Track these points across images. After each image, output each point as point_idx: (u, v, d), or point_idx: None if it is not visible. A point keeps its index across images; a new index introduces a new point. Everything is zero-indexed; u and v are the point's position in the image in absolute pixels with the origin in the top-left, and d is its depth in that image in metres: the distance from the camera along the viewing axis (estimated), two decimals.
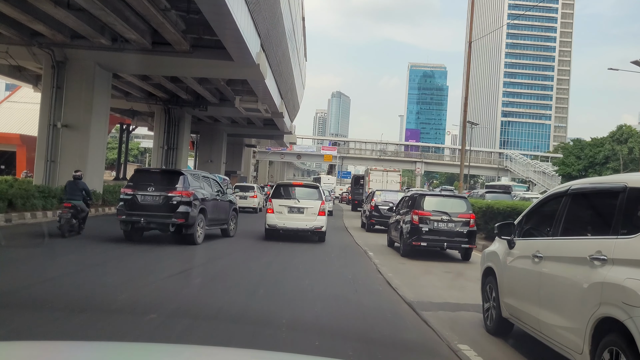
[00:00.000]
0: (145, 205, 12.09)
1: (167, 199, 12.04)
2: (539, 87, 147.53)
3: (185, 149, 31.84)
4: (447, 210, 12.97)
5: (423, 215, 12.74)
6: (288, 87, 31.82)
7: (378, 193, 21.66)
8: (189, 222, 12.16)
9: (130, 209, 12.10)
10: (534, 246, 5.06)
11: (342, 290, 8.27)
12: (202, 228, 12.81)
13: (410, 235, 12.77)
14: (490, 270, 6.18)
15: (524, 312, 5.13)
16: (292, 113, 43.29)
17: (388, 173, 36.06)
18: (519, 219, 5.84)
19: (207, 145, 43.47)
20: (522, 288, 5.28)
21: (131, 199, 12.15)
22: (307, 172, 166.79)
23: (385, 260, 12.23)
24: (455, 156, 77.86)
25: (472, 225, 12.91)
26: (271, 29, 19.25)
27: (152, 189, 12.20)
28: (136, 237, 12.64)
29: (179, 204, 12.04)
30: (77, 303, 6.32)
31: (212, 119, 41.05)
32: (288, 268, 10.51)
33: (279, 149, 70.71)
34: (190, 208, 12.16)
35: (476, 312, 6.97)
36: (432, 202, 13.47)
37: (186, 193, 12.20)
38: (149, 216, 12.06)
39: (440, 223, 12.75)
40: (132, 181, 12.77)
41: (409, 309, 7.19)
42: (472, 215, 13.10)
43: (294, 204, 14.60)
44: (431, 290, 8.92)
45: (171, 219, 12.03)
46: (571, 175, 53.62)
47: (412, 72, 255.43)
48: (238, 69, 18.91)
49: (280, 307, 6.76)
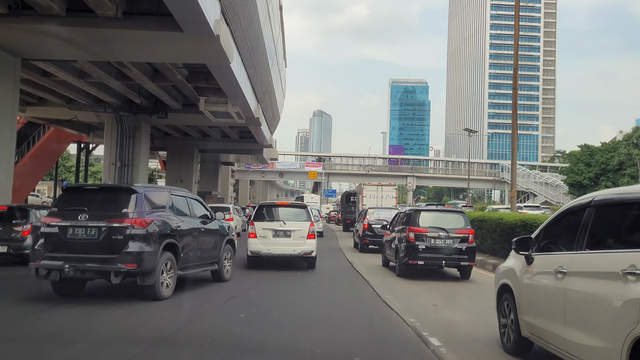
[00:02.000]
0: (73, 242, 8.04)
1: (109, 232, 7.99)
2: (525, 98, 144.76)
3: (143, 165, 26.46)
4: (444, 226, 12.44)
5: (419, 232, 12.26)
6: (265, 88, 26.74)
7: (371, 211, 20.99)
8: (145, 268, 8.08)
9: (52, 249, 8.10)
10: (556, 261, 4.88)
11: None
12: (171, 275, 8.70)
13: (406, 254, 12.28)
14: (507, 288, 5.94)
15: (547, 331, 4.90)
16: (272, 124, 38.20)
17: (383, 187, 32.07)
18: (536, 233, 5.60)
19: (175, 162, 38.10)
20: (544, 306, 5.06)
21: (55, 234, 8.14)
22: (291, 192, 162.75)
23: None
24: (449, 169, 73.38)
25: (471, 242, 12.41)
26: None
27: (86, 216, 8.08)
28: (74, 291, 8.68)
29: (126, 240, 7.99)
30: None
31: (181, 132, 35.89)
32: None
33: (259, 166, 65.41)
34: (146, 245, 8.15)
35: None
36: (428, 217, 12.91)
37: (139, 222, 8.15)
38: (80, 260, 7.91)
39: (437, 240, 12.25)
40: (58, 206, 8.65)
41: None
42: (470, 231, 12.56)
43: (280, 226, 13.20)
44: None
45: (115, 263, 7.91)
46: (582, 185, 49.10)
47: (394, 88, 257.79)
48: (191, 45, 13.76)
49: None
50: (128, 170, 25.63)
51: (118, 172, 25.39)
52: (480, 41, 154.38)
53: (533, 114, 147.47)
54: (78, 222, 7.99)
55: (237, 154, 48.22)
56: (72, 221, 8.01)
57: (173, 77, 19.43)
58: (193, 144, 37.92)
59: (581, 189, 48.70)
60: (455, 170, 75.05)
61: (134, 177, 25.67)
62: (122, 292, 8.91)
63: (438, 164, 79.53)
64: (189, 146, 37.82)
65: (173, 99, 23.97)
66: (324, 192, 75.63)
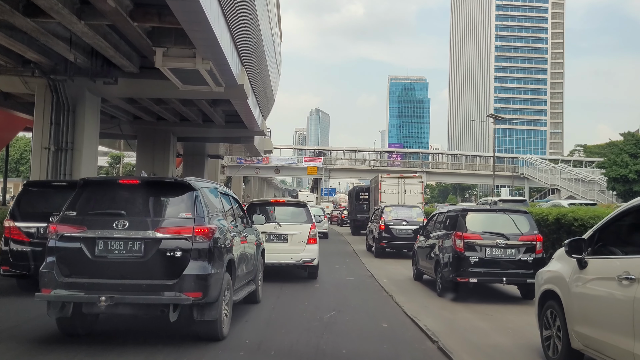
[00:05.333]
0: (105, 262, 5.85)
1: (160, 247, 5.83)
2: (533, 92, 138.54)
3: (89, 150, 19.70)
4: (503, 230, 9.96)
5: (470, 239, 9.91)
6: (252, 48, 20.11)
7: (388, 209, 18.76)
8: (211, 297, 5.99)
9: (70, 271, 5.88)
10: (620, 266, 4.45)
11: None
12: (228, 303, 6.63)
13: (453, 268, 9.94)
14: (552, 294, 5.60)
15: (610, 345, 4.50)
16: (264, 105, 31.53)
17: (406, 180, 25.84)
18: (590, 234, 5.24)
19: (147, 153, 31.42)
20: (605, 316, 4.67)
21: (75, 250, 5.90)
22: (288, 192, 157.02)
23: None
24: (462, 164, 66.79)
25: (539, 251, 9.91)
26: None
27: (125, 223, 5.90)
28: (82, 329, 6.35)
29: (186, 258, 5.87)
30: None
31: (153, 115, 29.31)
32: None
33: (253, 161, 58.66)
34: (211, 265, 6.01)
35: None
36: (480, 220, 10.51)
37: (203, 231, 6.02)
38: (116, 288, 5.73)
39: (495, 249, 9.83)
40: (79, 208, 6.16)
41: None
42: (538, 237, 10.05)
43: (274, 229, 11.43)
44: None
45: (173, 291, 5.76)
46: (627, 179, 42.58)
47: (392, 85, 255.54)
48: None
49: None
50: (66, 157, 18.96)
51: (52, 159, 18.72)
52: (485, 34, 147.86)
53: (541, 109, 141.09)
54: (113, 233, 5.87)
55: (223, 143, 41.40)
56: (103, 231, 5.88)
57: (105, 6, 12.72)
58: (169, 130, 31.28)
59: (626, 183, 42.62)
60: (468, 165, 68.42)
61: (75, 166, 19.05)
62: (151, 328, 6.84)
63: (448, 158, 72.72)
64: (163, 132, 31.19)
65: (122, 56, 17.25)
66: (323, 191, 69.29)
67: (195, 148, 39.57)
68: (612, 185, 44.74)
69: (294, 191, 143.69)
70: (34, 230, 9.26)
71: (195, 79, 17.63)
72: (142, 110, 27.79)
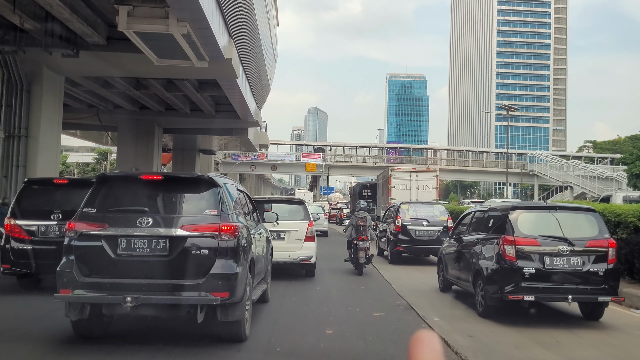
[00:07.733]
0: (128, 261, 5.72)
1: (186, 245, 5.73)
2: (535, 88, 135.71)
3: (46, 137, 16.59)
4: (565, 234, 7.73)
5: (524, 244, 7.70)
6: (242, 16, 17.10)
7: (405, 207, 15.97)
8: (236, 297, 5.83)
9: (91, 271, 5.74)
10: None
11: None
12: (248, 303, 6.45)
13: (502, 283, 7.71)
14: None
15: None
16: (258, 92, 28.43)
17: (418, 174, 23.07)
18: None
19: (129, 145, 28.33)
20: None
21: (96, 249, 5.77)
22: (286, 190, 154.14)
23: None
24: (469, 160, 63.82)
25: (611, 260, 7.69)
26: None
27: (148, 221, 5.74)
28: (98, 330, 6.20)
29: (212, 256, 5.75)
30: None
31: (136, 104, 26.34)
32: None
33: (248, 157, 55.57)
34: (236, 264, 5.91)
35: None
36: (533, 220, 8.32)
37: (230, 229, 5.90)
38: (140, 289, 5.56)
39: (556, 258, 7.60)
40: (98, 204, 5.99)
41: None
42: (610, 242, 7.77)
43: (271, 226, 10.50)
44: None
45: (200, 292, 5.65)
46: None
47: (391, 83, 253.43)
48: None
49: None
50: (19, 145, 15.90)
51: (2, 147, 15.67)
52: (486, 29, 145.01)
53: (544, 105, 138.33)
54: (136, 231, 5.70)
55: (214, 135, 38.33)
56: (125, 228, 5.72)
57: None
58: (153, 120, 28.20)
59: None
60: (475, 162, 65.50)
61: (30, 157, 16.00)
62: (168, 329, 6.79)
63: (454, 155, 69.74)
64: (147, 123, 28.10)
65: (82, 21, 14.12)
66: (321, 190, 66.35)
67: (186, 142, 36.56)
68: (633, 182, 41.81)
69: (292, 190, 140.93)
70: (35, 229, 9.27)
71: (173, 51, 14.55)
72: (121, 96, 24.75)
